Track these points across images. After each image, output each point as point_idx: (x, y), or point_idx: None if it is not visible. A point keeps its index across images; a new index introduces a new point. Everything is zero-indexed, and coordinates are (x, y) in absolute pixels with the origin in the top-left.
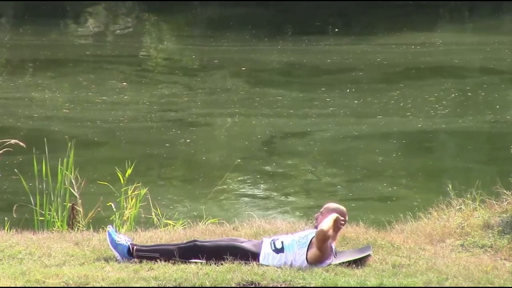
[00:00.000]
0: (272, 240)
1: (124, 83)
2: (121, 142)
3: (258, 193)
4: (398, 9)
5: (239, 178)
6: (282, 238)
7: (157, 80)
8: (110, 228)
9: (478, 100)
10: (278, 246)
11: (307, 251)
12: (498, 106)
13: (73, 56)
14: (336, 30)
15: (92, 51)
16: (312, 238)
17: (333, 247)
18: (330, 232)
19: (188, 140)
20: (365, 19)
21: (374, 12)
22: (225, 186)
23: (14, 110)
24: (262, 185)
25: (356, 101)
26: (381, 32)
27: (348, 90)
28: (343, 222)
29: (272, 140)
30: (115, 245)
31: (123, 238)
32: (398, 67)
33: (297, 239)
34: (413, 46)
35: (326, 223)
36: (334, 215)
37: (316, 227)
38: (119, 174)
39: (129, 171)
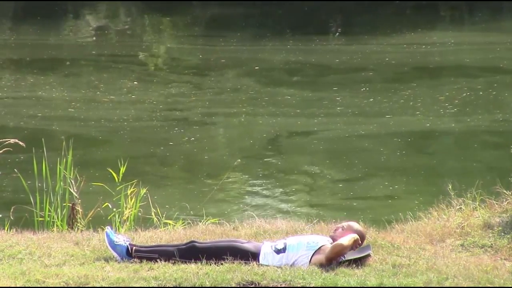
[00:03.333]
0: (274, 243)
1: (135, 82)
2: (125, 141)
3: (259, 193)
4: (407, 9)
5: (240, 178)
6: (286, 240)
7: (164, 80)
8: (108, 229)
9: (488, 100)
10: (279, 247)
11: (312, 255)
12: (510, 105)
13: (78, 56)
14: (342, 29)
15: (98, 50)
16: (322, 246)
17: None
18: (347, 250)
19: (192, 139)
20: (374, 19)
21: (383, 12)
22: (226, 186)
23: (19, 109)
24: (263, 185)
25: (365, 101)
26: (394, 33)
27: (358, 90)
28: (358, 246)
29: (277, 139)
30: (114, 245)
31: (122, 239)
32: (407, 67)
33: (305, 242)
34: (423, 46)
35: (347, 240)
36: (355, 236)
37: (332, 237)
38: (113, 174)
39: (122, 170)
